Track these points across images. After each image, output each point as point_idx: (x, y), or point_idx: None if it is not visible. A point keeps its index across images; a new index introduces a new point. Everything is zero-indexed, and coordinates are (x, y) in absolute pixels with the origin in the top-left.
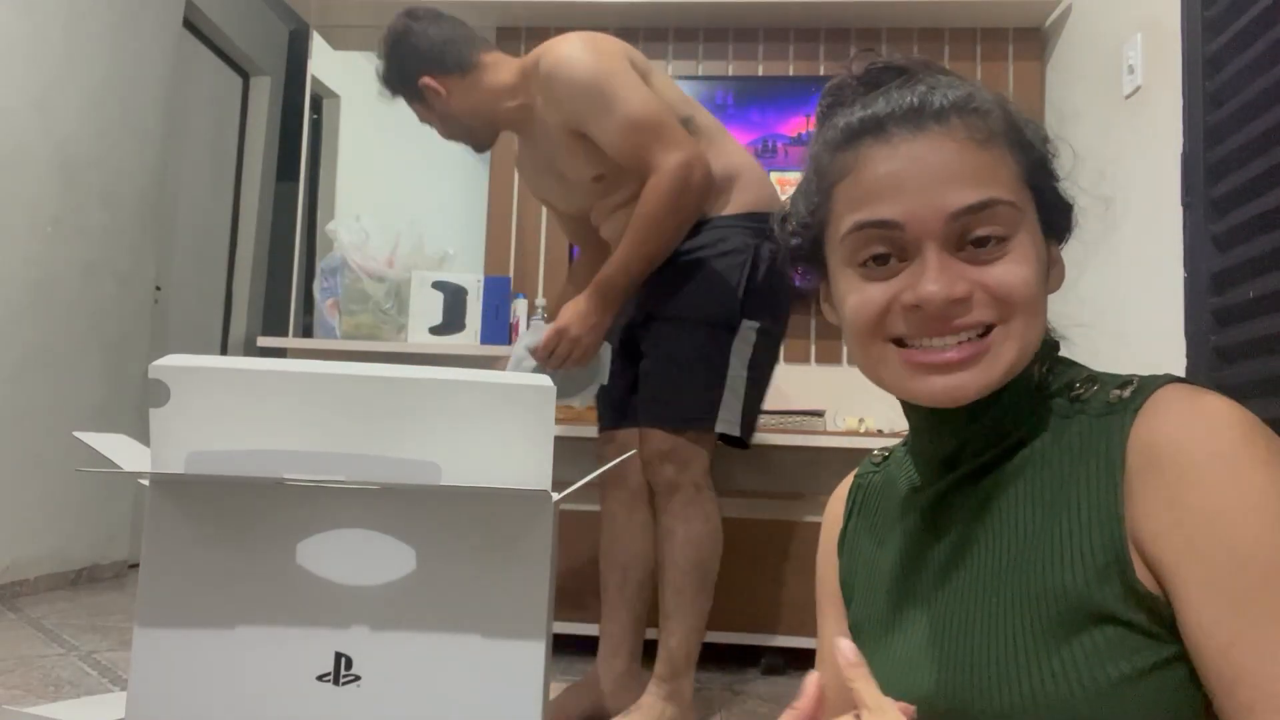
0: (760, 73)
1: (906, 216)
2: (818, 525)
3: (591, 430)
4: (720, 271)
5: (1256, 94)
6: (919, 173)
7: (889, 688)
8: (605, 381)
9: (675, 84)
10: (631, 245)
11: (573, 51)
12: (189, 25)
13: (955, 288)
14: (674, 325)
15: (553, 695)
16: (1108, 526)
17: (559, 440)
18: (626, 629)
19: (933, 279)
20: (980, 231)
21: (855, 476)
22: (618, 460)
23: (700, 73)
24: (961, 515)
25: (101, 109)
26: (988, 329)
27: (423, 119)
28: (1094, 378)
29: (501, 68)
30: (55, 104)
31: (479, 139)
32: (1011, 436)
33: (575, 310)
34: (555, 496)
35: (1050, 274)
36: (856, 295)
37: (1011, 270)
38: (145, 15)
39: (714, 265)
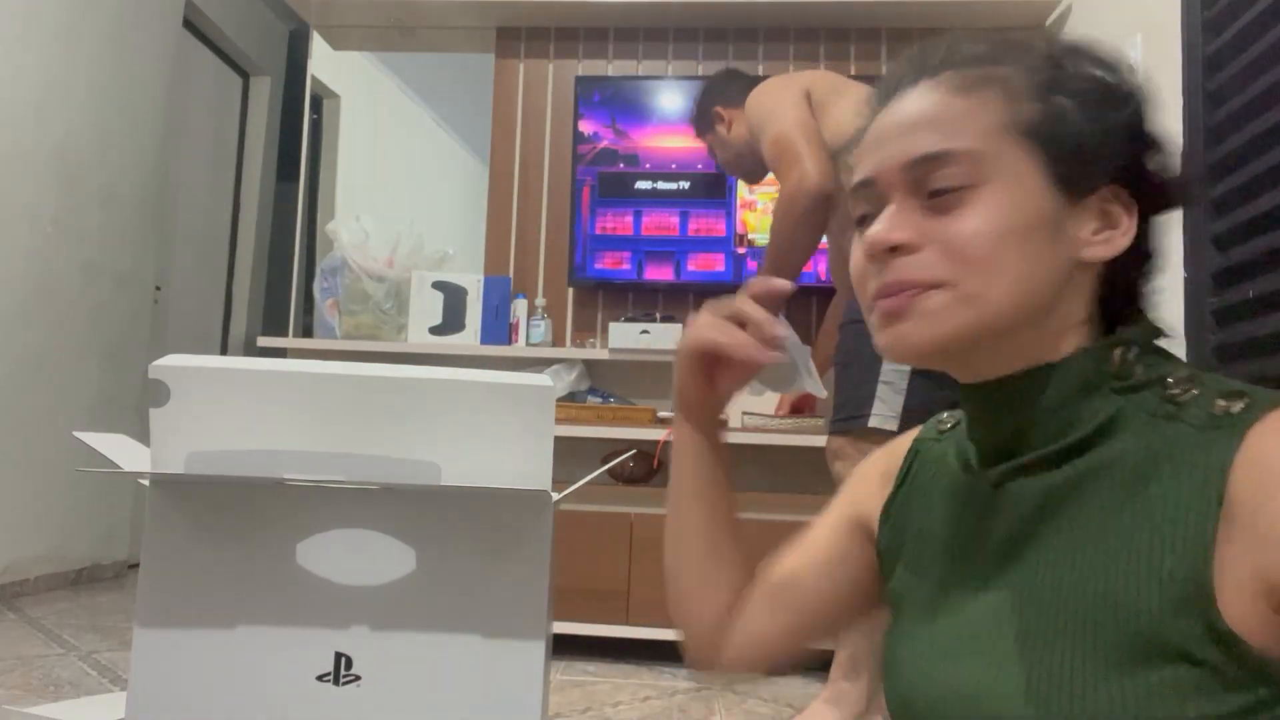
0: (761, 73)
1: (875, 171)
2: None
3: (591, 430)
4: None
5: (1256, 94)
6: (891, 127)
7: (924, 671)
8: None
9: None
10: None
11: (757, 90)
12: (189, 25)
13: (897, 232)
14: (841, 329)
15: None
16: (1193, 554)
17: (559, 440)
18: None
19: (880, 223)
20: (937, 181)
21: (915, 440)
22: (621, 458)
23: (700, 73)
24: (1025, 504)
25: (101, 109)
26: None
27: (710, 148)
28: (1194, 378)
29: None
30: (55, 104)
31: (747, 168)
32: (1080, 428)
33: None
34: (555, 496)
35: (1094, 234)
36: (852, 256)
37: (966, 221)
38: (145, 15)
39: None
